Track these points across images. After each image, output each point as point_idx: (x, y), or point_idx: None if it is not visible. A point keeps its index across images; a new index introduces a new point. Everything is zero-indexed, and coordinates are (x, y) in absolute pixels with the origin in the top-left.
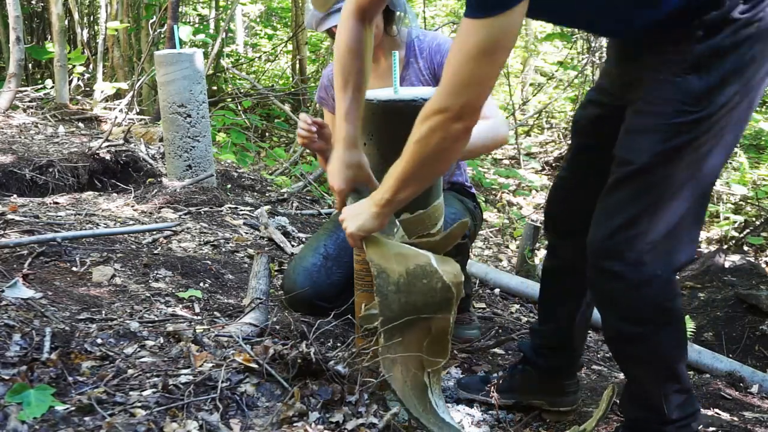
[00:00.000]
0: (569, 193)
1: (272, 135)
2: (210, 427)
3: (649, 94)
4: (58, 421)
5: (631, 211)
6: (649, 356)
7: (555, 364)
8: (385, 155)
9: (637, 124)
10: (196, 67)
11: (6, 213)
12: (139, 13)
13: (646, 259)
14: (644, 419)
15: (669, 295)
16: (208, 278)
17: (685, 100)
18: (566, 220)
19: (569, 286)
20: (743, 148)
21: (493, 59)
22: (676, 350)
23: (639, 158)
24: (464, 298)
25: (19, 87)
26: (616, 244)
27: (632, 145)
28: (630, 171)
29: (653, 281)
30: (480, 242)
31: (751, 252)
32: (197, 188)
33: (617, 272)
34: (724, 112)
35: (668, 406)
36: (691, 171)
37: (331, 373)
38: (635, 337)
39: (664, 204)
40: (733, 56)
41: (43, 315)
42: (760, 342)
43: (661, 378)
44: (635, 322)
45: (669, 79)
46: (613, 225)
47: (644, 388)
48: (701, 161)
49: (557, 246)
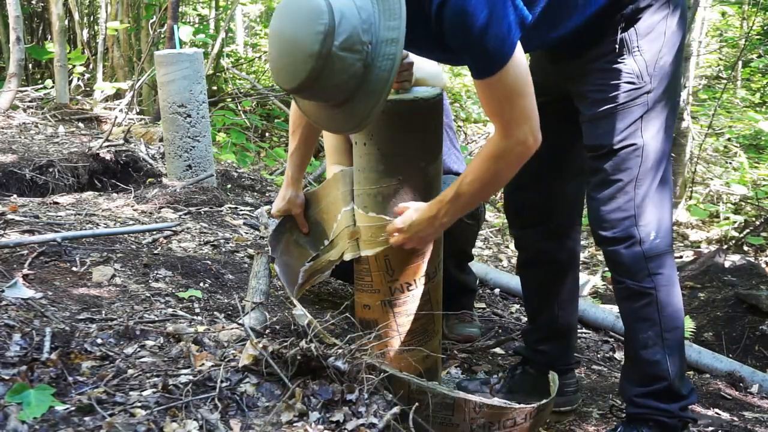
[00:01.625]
0: (523, 185)
1: (272, 135)
2: (210, 426)
3: (596, 83)
4: (58, 421)
5: (617, 184)
6: (653, 314)
7: (551, 354)
8: (385, 155)
9: (595, 112)
10: (196, 67)
11: (6, 213)
12: (139, 13)
13: (640, 221)
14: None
15: (663, 254)
16: (208, 278)
17: (629, 80)
18: (525, 211)
19: (543, 275)
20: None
21: (527, 92)
22: (675, 311)
23: (607, 140)
24: (467, 294)
25: (19, 87)
26: (608, 214)
27: (597, 131)
28: (603, 153)
29: (647, 241)
30: (480, 242)
31: (751, 252)
32: (197, 188)
33: (616, 238)
34: (665, 80)
35: (673, 369)
36: (655, 136)
37: (331, 370)
38: (640, 294)
39: (640, 171)
40: (656, 33)
41: (43, 315)
42: (760, 342)
43: (667, 336)
44: (635, 277)
45: (609, 67)
46: (603, 199)
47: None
48: (660, 126)
49: (523, 238)
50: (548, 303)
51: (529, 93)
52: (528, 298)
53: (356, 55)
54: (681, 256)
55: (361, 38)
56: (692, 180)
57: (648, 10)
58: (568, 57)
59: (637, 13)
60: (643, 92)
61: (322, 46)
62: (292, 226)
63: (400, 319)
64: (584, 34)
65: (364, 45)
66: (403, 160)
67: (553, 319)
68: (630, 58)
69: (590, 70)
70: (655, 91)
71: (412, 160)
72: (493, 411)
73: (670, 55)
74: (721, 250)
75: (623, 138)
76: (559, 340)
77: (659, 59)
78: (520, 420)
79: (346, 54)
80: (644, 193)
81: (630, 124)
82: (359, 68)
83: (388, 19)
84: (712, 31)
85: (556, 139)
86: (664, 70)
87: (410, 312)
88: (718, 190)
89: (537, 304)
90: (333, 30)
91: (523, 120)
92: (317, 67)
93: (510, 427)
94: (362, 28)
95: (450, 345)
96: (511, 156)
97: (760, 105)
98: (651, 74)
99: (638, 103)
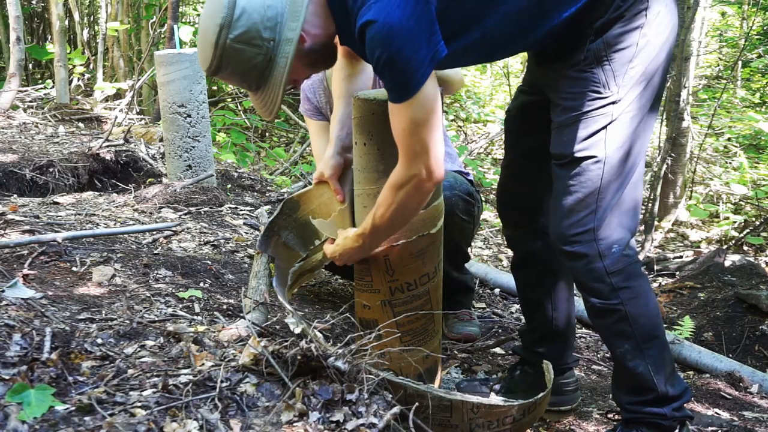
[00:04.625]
0: (511, 186)
1: (272, 135)
2: (210, 426)
3: (564, 91)
4: (58, 421)
5: (576, 195)
6: (626, 327)
7: (549, 355)
8: (385, 155)
9: (561, 120)
10: (196, 67)
11: (6, 213)
12: (139, 13)
13: (599, 235)
14: (639, 403)
15: (629, 267)
16: (208, 278)
17: (594, 89)
18: (514, 212)
19: (534, 276)
20: (743, 148)
21: (429, 125)
22: (650, 320)
23: (569, 149)
24: (466, 293)
25: (19, 87)
26: (569, 228)
27: (560, 139)
28: (564, 162)
29: (609, 255)
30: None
31: (751, 252)
32: (197, 188)
33: (576, 253)
34: (635, 91)
35: (657, 378)
36: (620, 148)
37: (331, 370)
38: (606, 310)
39: (602, 183)
40: (627, 43)
41: (43, 315)
42: (760, 342)
43: (644, 347)
44: (600, 295)
45: (577, 75)
46: (563, 211)
47: (633, 363)
48: (626, 138)
49: (514, 238)
50: (542, 304)
51: (432, 127)
52: (522, 299)
53: (255, 49)
54: (681, 256)
55: (262, 34)
56: (692, 180)
57: (619, 21)
58: (546, 62)
59: (608, 24)
60: (607, 102)
61: (218, 38)
62: (281, 227)
63: (400, 319)
64: (558, 42)
65: (265, 41)
66: None
67: (548, 320)
68: (598, 68)
69: (561, 77)
70: (622, 102)
71: None
72: (491, 410)
73: (643, 66)
74: (721, 250)
75: (584, 147)
76: (555, 341)
77: (629, 70)
78: (518, 416)
79: (243, 47)
80: (606, 207)
81: (592, 133)
82: (261, 61)
83: (292, 20)
84: (712, 31)
85: (542, 138)
86: (634, 81)
87: (410, 312)
88: (718, 190)
89: (531, 304)
90: (230, 24)
91: (422, 152)
92: (216, 56)
93: (510, 424)
94: (264, 24)
95: (450, 345)
96: (408, 187)
97: (760, 105)
98: (619, 85)
99: (602, 113)
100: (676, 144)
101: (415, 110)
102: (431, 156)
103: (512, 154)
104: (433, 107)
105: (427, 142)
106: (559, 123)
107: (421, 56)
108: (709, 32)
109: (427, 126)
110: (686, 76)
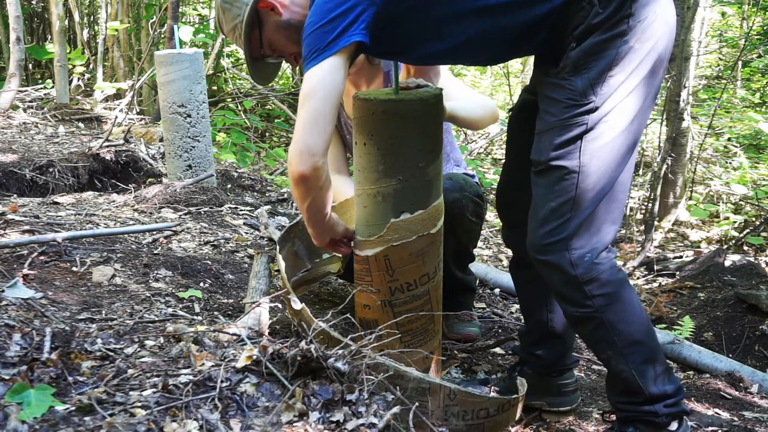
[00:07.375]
0: (510, 185)
1: (272, 135)
2: (210, 426)
3: (545, 98)
4: (58, 421)
5: (550, 204)
6: (606, 334)
7: (547, 358)
8: (385, 155)
9: (540, 126)
10: (196, 67)
11: (6, 213)
12: (139, 13)
13: (572, 245)
14: (629, 403)
15: (602, 275)
16: (208, 278)
17: (571, 96)
18: (512, 211)
19: (530, 276)
20: (743, 148)
21: (309, 104)
22: (631, 326)
23: (544, 155)
24: (467, 293)
25: (19, 87)
26: (543, 237)
27: (537, 145)
28: (540, 169)
29: (581, 265)
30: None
31: (751, 252)
32: (197, 188)
33: (551, 262)
34: (615, 100)
35: (643, 381)
36: (597, 158)
37: (331, 371)
38: (585, 319)
39: (578, 192)
40: (607, 52)
41: (43, 315)
42: (760, 342)
43: (626, 352)
44: (578, 304)
45: (556, 83)
46: (538, 220)
47: (617, 368)
48: (604, 148)
49: (511, 238)
50: (538, 304)
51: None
52: (520, 299)
53: (236, 9)
54: (681, 256)
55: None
56: (692, 180)
57: (600, 29)
58: (537, 66)
59: (588, 31)
60: (583, 111)
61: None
62: (296, 235)
63: (401, 319)
64: (545, 48)
65: (244, 3)
66: (403, 160)
67: (545, 321)
68: (576, 76)
69: (544, 83)
70: (599, 111)
71: (412, 160)
72: (467, 398)
73: (625, 74)
74: (721, 250)
75: (558, 156)
76: (553, 342)
77: (608, 78)
78: (492, 411)
79: (228, 6)
80: (581, 218)
81: (566, 142)
82: (239, 22)
83: None
84: (712, 31)
85: None
86: (613, 90)
87: (410, 312)
88: (718, 190)
89: (528, 304)
90: None
91: (302, 132)
92: (218, 14)
93: (484, 418)
94: None
95: (450, 345)
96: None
97: (760, 105)
98: (597, 93)
99: (577, 121)
100: (676, 144)
101: (309, 83)
102: (299, 140)
103: (512, 153)
104: (322, 91)
105: (305, 121)
106: (539, 129)
107: (319, 35)
108: (709, 32)
109: (308, 105)
110: (686, 76)
